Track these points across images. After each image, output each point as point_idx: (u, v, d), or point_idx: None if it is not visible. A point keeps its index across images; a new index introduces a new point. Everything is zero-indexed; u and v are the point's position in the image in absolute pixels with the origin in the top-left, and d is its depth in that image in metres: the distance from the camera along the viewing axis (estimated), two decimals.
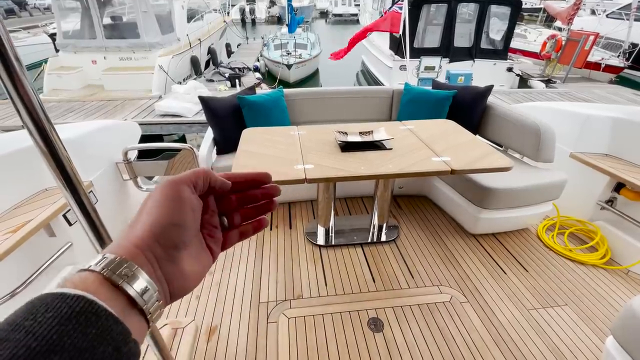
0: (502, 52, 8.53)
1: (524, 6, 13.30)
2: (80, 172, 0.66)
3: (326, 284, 2.07)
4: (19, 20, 20.76)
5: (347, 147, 2.01)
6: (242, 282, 2.09)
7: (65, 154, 0.62)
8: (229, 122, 2.69)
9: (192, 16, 10.10)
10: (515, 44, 10.99)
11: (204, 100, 2.67)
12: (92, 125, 2.34)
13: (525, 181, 2.28)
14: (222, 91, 7.76)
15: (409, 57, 5.63)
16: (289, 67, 10.33)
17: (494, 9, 8.13)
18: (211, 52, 10.84)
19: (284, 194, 2.83)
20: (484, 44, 8.49)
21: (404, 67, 6.76)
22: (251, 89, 2.94)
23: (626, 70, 10.65)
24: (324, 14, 35.27)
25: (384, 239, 2.44)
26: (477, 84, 3.24)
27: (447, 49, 8.24)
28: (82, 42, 7.85)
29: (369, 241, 2.42)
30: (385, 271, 2.17)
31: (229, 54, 13.10)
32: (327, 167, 1.77)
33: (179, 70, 8.57)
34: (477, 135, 2.73)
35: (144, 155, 2.56)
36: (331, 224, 2.41)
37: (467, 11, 8.45)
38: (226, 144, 2.70)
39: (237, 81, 8.40)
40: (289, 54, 10.98)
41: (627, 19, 11.18)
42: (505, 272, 2.17)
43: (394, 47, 8.74)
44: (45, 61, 8.01)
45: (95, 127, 2.29)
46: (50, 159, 0.60)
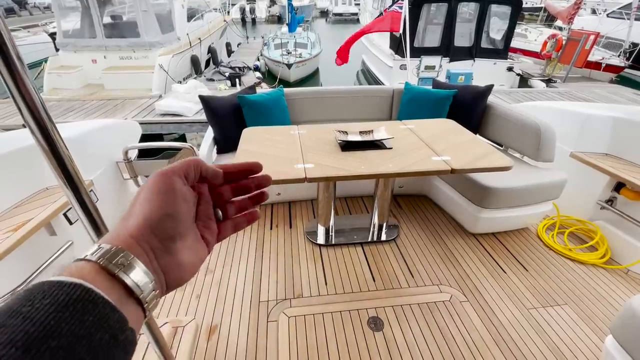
0: (502, 51, 8.53)
1: (524, 5, 13.31)
2: (81, 171, 0.66)
3: (326, 283, 2.07)
4: (19, 19, 20.77)
5: (348, 146, 2.01)
6: (242, 281, 2.09)
7: (66, 152, 0.62)
8: (229, 121, 2.69)
9: (192, 15, 10.10)
10: (515, 43, 10.97)
11: (204, 99, 2.67)
12: (92, 124, 2.34)
13: (525, 181, 2.28)
14: (222, 90, 7.76)
15: (409, 57, 5.63)
16: (289, 66, 10.32)
17: (494, 8, 8.12)
18: (211, 51, 10.83)
19: (284, 193, 2.83)
20: (485, 44, 8.49)
21: (404, 67, 6.76)
22: (251, 89, 2.94)
23: (626, 69, 10.63)
24: (324, 13, 35.26)
25: (384, 238, 2.44)
26: (477, 83, 3.24)
27: (448, 49, 8.24)
28: (82, 41, 7.85)
29: (369, 240, 2.42)
30: (385, 270, 2.18)
31: (229, 53, 13.10)
32: (327, 167, 1.77)
33: (179, 69, 8.57)
34: (477, 134, 2.73)
35: (144, 154, 2.57)
36: (331, 223, 2.41)
37: (467, 10, 8.44)
38: (226, 143, 2.70)
39: (237, 80, 8.40)
40: (289, 54, 10.97)
41: (628, 19, 11.16)
42: (505, 272, 2.17)
43: (394, 46, 8.74)
44: (45, 60, 8.01)
45: (95, 126, 2.29)
46: (51, 157, 0.60)
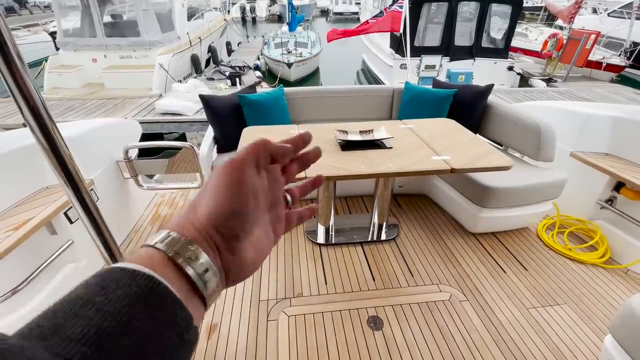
0: (502, 50, 8.52)
1: (525, 5, 13.28)
2: (81, 170, 0.66)
3: (326, 283, 2.08)
4: (19, 18, 20.77)
5: (348, 145, 2.01)
6: (242, 281, 2.09)
7: (67, 152, 0.62)
8: (229, 120, 2.69)
9: (192, 14, 10.10)
10: (516, 42, 10.97)
11: (204, 98, 2.67)
12: (93, 123, 2.34)
13: (525, 180, 2.28)
14: (222, 90, 7.76)
15: (409, 56, 5.62)
16: (289, 65, 10.32)
17: (494, 7, 8.11)
18: (211, 50, 10.83)
19: None
20: (485, 43, 8.48)
21: (405, 66, 6.76)
22: (252, 88, 2.94)
23: (627, 69, 10.62)
24: (325, 13, 35.23)
25: (383, 237, 2.44)
26: (477, 82, 3.23)
27: (448, 48, 8.23)
28: (83, 40, 7.85)
29: (369, 240, 2.42)
30: (385, 270, 2.18)
31: (230, 52, 13.10)
32: (327, 166, 1.77)
33: (180, 68, 8.57)
34: (477, 134, 2.73)
35: (145, 153, 2.57)
36: (331, 222, 2.41)
37: (467, 10, 8.44)
38: (227, 142, 2.70)
39: (237, 80, 8.39)
40: (289, 53, 10.96)
41: (629, 18, 11.16)
42: (504, 271, 2.17)
43: (395, 45, 8.73)
44: (45, 59, 8.02)
45: (96, 126, 2.30)
46: (52, 156, 0.60)
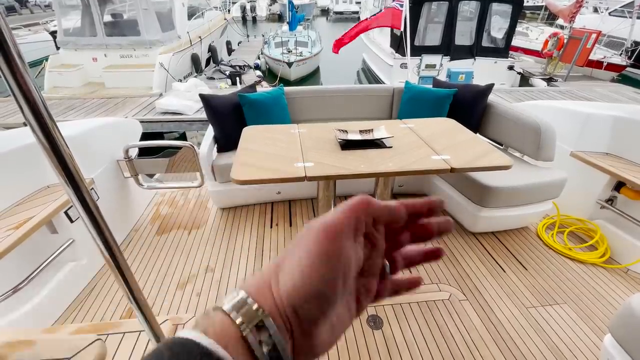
0: (503, 50, 8.51)
1: (525, 4, 13.25)
2: (81, 169, 0.66)
3: None
4: (19, 17, 20.76)
5: (347, 145, 2.01)
6: (243, 280, 2.09)
7: (67, 151, 0.62)
8: (229, 120, 2.69)
9: (192, 13, 10.09)
10: (516, 42, 10.96)
11: (204, 98, 2.67)
12: (93, 122, 2.34)
13: (525, 180, 2.28)
14: (222, 89, 7.76)
15: (409, 55, 5.61)
16: (289, 65, 10.31)
17: (495, 6, 8.10)
18: (212, 49, 10.83)
19: (285, 191, 2.83)
20: (485, 42, 8.47)
21: (405, 65, 6.75)
22: (252, 87, 2.94)
23: (628, 68, 10.59)
24: (325, 12, 35.19)
25: None
26: (478, 82, 3.23)
27: (448, 47, 8.22)
28: (83, 39, 7.86)
29: None
30: None
31: (230, 51, 13.09)
32: (327, 165, 1.77)
33: (180, 67, 8.57)
34: (477, 133, 2.72)
35: (145, 152, 2.57)
36: None
37: (468, 9, 8.43)
38: (227, 142, 2.70)
39: (237, 79, 8.39)
40: (289, 52, 10.96)
41: (630, 17, 11.14)
42: (504, 271, 2.18)
43: (395, 45, 8.73)
44: (46, 59, 8.02)
45: (96, 125, 2.30)
46: (52, 156, 0.60)
